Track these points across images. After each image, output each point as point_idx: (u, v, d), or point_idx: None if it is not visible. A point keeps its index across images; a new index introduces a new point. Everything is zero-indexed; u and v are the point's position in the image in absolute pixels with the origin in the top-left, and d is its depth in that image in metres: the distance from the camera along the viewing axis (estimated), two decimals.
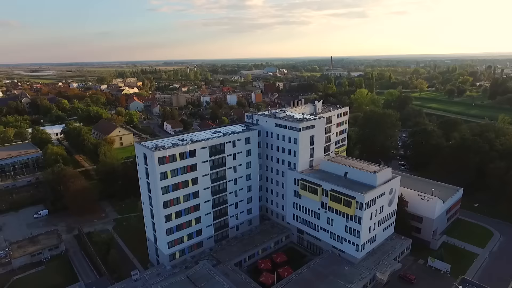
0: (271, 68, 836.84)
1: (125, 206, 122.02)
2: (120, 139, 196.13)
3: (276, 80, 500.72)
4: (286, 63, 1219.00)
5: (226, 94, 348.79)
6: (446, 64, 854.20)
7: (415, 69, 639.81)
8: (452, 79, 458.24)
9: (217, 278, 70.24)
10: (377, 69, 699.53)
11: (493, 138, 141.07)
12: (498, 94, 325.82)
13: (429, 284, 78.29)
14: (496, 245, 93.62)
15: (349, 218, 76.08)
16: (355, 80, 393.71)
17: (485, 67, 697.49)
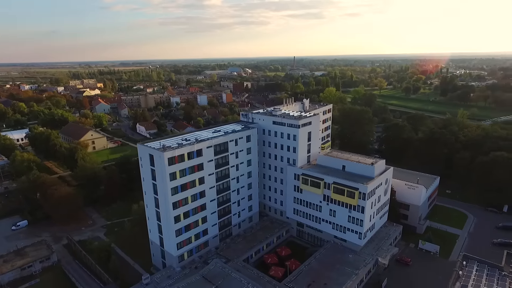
0: (235, 68, 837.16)
1: (112, 212, 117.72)
2: (93, 143, 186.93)
3: (243, 80, 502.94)
4: (248, 63, 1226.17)
5: (196, 95, 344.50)
6: (397, 63, 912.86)
7: (372, 69, 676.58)
8: (407, 78, 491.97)
9: (233, 274, 71.15)
10: (337, 68, 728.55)
11: (456, 131, 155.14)
12: (448, 91, 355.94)
13: (423, 265, 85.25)
14: (471, 226, 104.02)
15: (352, 208, 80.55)
16: (322, 79, 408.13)
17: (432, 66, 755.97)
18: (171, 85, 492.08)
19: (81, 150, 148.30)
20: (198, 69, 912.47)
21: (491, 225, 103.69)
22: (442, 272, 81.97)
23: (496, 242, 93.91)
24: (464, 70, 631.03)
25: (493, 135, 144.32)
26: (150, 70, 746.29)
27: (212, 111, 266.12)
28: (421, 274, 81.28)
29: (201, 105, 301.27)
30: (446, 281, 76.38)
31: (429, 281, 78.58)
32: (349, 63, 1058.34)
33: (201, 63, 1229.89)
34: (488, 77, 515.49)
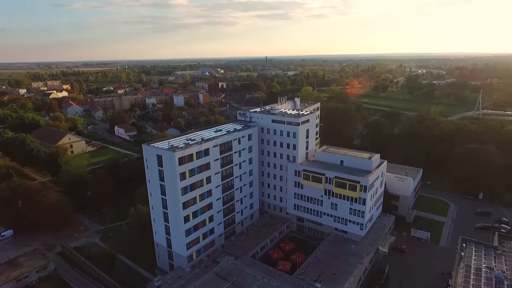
0: (206, 69, 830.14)
1: (105, 216, 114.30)
2: (71, 147, 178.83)
3: (217, 80, 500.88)
4: (218, 63, 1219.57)
5: (172, 95, 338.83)
6: (363, 63, 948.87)
7: (342, 68, 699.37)
8: (374, 77, 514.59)
9: (246, 270, 72.45)
10: (307, 68, 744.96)
11: (431, 126, 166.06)
12: (415, 89, 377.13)
13: (417, 251, 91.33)
14: (454, 213, 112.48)
15: (353, 200, 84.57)
16: (297, 79, 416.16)
17: (395, 66, 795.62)
18: (143, 86, 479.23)
19: (64, 154, 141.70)
20: (167, 69, 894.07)
21: (471, 212, 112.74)
22: (435, 256, 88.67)
23: (478, 226, 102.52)
24: (425, 69, 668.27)
25: (464, 129, 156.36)
26: (118, 71, 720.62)
27: (191, 111, 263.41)
28: (417, 260, 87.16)
29: (179, 106, 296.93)
30: (441, 264, 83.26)
31: (425, 265, 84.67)
32: (317, 63, 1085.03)
33: (170, 64, 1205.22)
34: (447, 76, 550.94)
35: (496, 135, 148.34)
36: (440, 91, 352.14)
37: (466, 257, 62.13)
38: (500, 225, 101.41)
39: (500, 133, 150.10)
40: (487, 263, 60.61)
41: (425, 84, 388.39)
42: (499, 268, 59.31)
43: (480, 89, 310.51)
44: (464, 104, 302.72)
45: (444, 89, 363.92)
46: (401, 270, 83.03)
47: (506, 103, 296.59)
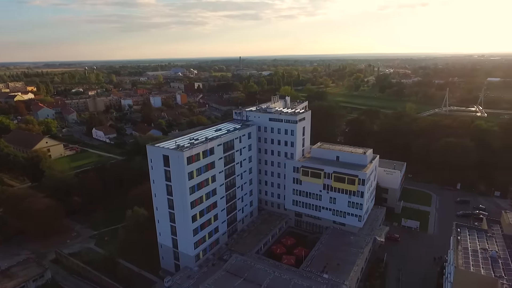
0: (178, 69, 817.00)
1: (97, 221, 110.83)
2: (48, 151, 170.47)
3: (192, 81, 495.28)
4: (189, 63, 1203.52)
5: (148, 96, 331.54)
6: (333, 63, 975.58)
7: (314, 68, 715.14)
8: (346, 76, 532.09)
9: (256, 266, 73.85)
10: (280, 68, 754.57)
11: (409, 122, 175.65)
12: (385, 88, 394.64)
13: (408, 239, 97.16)
14: (437, 203, 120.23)
15: (351, 194, 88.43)
16: (274, 79, 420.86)
17: (364, 66, 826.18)
18: (115, 87, 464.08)
19: (46, 158, 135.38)
20: (138, 70, 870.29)
21: (451, 201, 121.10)
22: (425, 243, 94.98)
23: (459, 214, 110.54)
24: (392, 69, 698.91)
25: (440, 124, 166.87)
26: (86, 72, 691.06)
27: (171, 112, 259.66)
28: (410, 247, 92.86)
29: (157, 107, 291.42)
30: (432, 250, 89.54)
31: (418, 252, 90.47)
32: (289, 63, 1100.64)
33: (140, 64, 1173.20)
34: (412, 75, 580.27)
35: (467, 129, 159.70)
36: (409, 90, 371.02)
37: (462, 241, 67.46)
38: (479, 212, 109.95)
39: (471, 128, 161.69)
40: (481, 245, 66.25)
41: (394, 83, 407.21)
42: (492, 248, 65.12)
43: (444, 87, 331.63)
44: (431, 101, 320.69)
45: (412, 88, 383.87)
46: (396, 258, 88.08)
47: (469, 100, 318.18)
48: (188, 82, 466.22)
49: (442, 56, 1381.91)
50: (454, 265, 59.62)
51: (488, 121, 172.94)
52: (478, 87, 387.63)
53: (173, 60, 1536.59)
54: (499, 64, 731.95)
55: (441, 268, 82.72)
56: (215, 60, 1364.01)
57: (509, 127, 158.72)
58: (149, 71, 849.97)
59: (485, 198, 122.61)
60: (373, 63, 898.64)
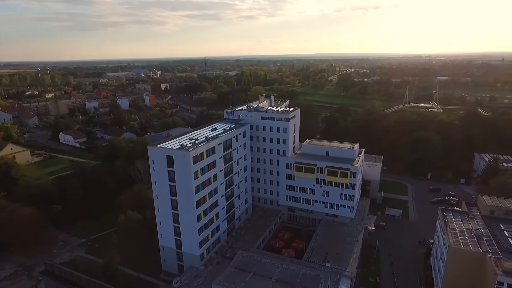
0: (140, 70, 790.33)
1: (82, 228, 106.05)
2: (14, 158, 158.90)
3: (157, 82, 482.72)
4: (150, 64, 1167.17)
5: (115, 99, 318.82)
6: (294, 63, 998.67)
7: (279, 68, 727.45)
8: (310, 76, 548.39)
9: (263, 260, 75.68)
10: (244, 68, 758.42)
11: (379, 118, 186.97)
12: (349, 86, 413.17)
13: (393, 226, 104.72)
14: (413, 192, 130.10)
15: (344, 186, 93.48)
16: (243, 79, 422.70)
17: (325, 65, 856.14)
18: (74, 90, 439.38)
19: (17, 165, 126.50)
20: (96, 71, 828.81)
21: (424, 189, 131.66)
22: (409, 229, 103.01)
23: (434, 200, 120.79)
24: (352, 68, 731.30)
25: (407, 119, 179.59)
26: (39, 73, 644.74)
27: (143, 114, 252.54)
28: (396, 233, 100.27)
29: (125, 109, 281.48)
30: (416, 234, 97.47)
31: (403, 237, 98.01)
32: (253, 63, 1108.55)
33: (97, 65, 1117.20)
34: (371, 74, 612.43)
35: (432, 123, 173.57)
36: (371, 88, 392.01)
37: (450, 223, 74.66)
38: (450, 198, 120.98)
39: (434, 122, 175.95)
40: (465, 225, 73.79)
41: (357, 82, 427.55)
42: (474, 228, 72.84)
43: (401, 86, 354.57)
44: (392, 98, 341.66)
45: (373, 86, 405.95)
46: (385, 244, 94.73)
47: (424, 97, 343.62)
48: (154, 83, 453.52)
49: (394, 56, 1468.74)
50: (448, 244, 66.06)
51: (449, 116, 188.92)
52: (430, 85, 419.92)
53: (132, 60, 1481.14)
54: (445, 64, 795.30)
55: (427, 250, 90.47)
56: (177, 61, 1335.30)
57: (467, 121, 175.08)
58: (108, 72, 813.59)
59: (453, 185, 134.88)
60: (332, 63, 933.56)
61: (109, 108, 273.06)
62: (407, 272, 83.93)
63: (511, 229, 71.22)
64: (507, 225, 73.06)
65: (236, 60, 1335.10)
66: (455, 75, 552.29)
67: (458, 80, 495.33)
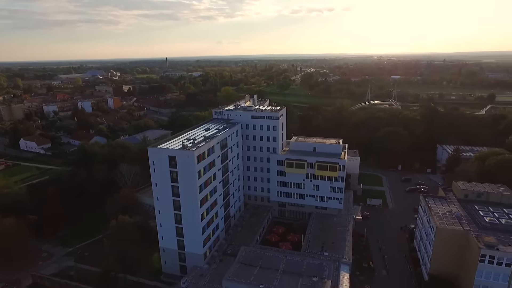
0: (96, 71, 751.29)
1: (66, 237, 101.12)
2: None
3: (118, 83, 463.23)
4: (105, 65, 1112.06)
5: (76, 102, 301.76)
6: (255, 63, 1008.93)
7: (242, 68, 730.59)
8: (274, 76, 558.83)
9: (266, 254, 78.30)
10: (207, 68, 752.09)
11: (349, 115, 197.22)
12: (313, 86, 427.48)
13: (375, 215, 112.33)
14: (387, 183, 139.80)
15: (333, 180, 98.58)
16: (211, 80, 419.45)
17: (286, 65, 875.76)
18: (25, 93, 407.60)
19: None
20: (46, 73, 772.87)
21: (397, 180, 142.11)
22: (390, 216, 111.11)
23: (407, 189, 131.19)
24: (313, 69, 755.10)
25: (375, 116, 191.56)
26: None
27: (110, 117, 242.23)
28: (379, 221, 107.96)
29: (89, 112, 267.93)
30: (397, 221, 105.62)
31: (386, 224, 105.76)
32: (214, 63, 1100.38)
33: (45, 66, 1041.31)
34: (331, 74, 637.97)
35: (397, 119, 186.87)
36: (334, 87, 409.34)
37: (433, 207, 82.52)
38: (421, 186, 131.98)
39: (399, 118, 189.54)
40: (446, 209, 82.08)
41: (320, 82, 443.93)
42: (454, 210, 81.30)
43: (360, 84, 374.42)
44: (354, 97, 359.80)
45: (335, 86, 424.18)
46: (371, 231, 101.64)
47: (383, 95, 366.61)
48: (115, 85, 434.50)
49: (349, 57, 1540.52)
50: (436, 226, 73.30)
51: (411, 112, 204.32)
52: (386, 84, 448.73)
53: (85, 61, 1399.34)
54: (395, 63, 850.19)
55: (409, 234, 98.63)
56: (134, 62, 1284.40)
57: (427, 116, 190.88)
58: (59, 73, 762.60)
59: (421, 175, 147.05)
60: (292, 63, 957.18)
61: (72, 111, 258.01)
62: (395, 255, 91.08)
63: (484, 209, 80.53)
64: (480, 206, 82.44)
65: (196, 61, 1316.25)
66: (406, 74, 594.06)
67: (410, 78, 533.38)
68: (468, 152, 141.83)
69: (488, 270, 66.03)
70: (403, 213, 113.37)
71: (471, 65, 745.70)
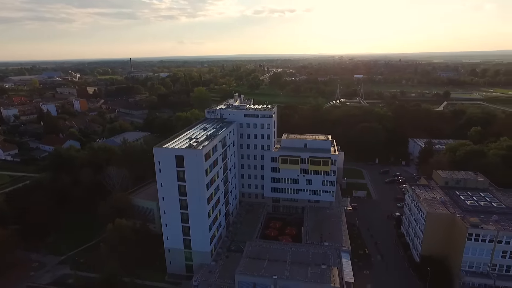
0: (54, 73, 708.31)
1: (58, 245, 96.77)
2: None
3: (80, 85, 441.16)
4: (60, 66, 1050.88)
5: (39, 105, 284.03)
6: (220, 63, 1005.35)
7: (210, 69, 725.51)
8: (243, 76, 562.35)
9: (272, 247, 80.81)
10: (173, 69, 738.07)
11: (325, 113, 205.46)
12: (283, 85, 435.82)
13: (362, 206, 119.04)
14: (368, 176, 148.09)
15: (325, 174, 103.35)
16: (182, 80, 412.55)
17: (253, 65, 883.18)
18: None
19: None
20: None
21: (376, 173, 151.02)
22: (375, 206, 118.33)
23: (387, 181, 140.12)
24: (280, 69, 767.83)
25: (350, 113, 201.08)
26: None
27: (80, 120, 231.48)
28: (366, 211, 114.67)
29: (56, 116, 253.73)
30: (383, 210, 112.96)
31: (373, 214, 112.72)
32: (178, 64, 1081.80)
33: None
34: (298, 74, 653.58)
35: (371, 115, 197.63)
36: (303, 86, 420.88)
37: (420, 194, 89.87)
38: (399, 177, 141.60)
39: (373, 114, 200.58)
40: (431, 195, 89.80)
41: (290, 81, 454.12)
42: (438, 196, 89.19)
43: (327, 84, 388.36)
44: (323, 95, 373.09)
45: (304, 85, 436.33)
46: (361, 220, 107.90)
47: (350, 93, 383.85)
48: (78, 86, 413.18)
49: (312, 57, 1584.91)
50: (426, 211, 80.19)
51: (383, 108, 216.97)
52: (350, 83, 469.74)
53: (37, 62, 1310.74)
54: (357, 63, 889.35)
55: (396, 221, 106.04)
56: (93, 62, 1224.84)
57: (397, 113, 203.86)
58: (10, 75, 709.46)
59: (397, 167, 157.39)
60: (258, 63, 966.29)
61: (37, 115, 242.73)
62: (385, 241, 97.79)
63: (464, 194, 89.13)
64: (460, 191, 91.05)
65: (160, 61, 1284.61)
66: (368, 73, 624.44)
67: (372, 77, 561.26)
68: (437, 145, 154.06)
69: (474, 247, 73.63)
70: (386, 202, 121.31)
71: (424, 65, 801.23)
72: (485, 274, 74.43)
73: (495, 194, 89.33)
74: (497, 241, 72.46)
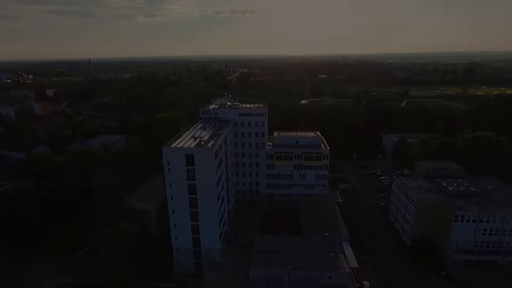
0: (1, 74, 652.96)
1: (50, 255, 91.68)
2: None
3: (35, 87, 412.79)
4: (7, 67, 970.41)
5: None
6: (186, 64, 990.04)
7: (175, 70, 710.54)
8: (210, 76, 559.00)
9: (279, 239, 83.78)
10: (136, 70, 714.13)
11: (303, 112, 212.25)
12: (252, 85, 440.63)
13: (350, 197, 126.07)
14: (349, 170, 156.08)
15: (318, 168, 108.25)
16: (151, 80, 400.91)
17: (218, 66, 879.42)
18: None
19: None
20: None
21: (356, 166, 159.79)
22: (362, 197, 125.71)
23: (367, 174, 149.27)
24: (246, 69, 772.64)
25: (325, 111, 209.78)
26: None
27: (46, 124, 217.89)
28: (355, 202, 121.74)
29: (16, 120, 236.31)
30: (370, 200, 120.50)
31: (361, 203, 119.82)
32: (140, 65, 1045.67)
33: None
34: (263, 74, 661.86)
35: (345, 113, 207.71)
36: (272, 86, 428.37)
37: (408, 183, 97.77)
38: (377, 170, 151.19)
39: (346, 112, 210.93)
40: (416, 184, 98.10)
41: (258, 81, 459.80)
42: (422, 184, 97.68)
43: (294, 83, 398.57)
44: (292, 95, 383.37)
45: (273, 85, 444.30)
46: (351, 211, 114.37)
47: (317, 92, 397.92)
48: (35, 89, 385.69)
49: (275, 58, 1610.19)
50: (416, 198, 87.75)
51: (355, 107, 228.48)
52: (316, 83, 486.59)
53: None
54: (318, 63, 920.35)
55: (383, 210, 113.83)
56: (45, 63, 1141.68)
57: (367, 110, 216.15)
58: None
59: (374, 161, 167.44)
60: (221, 64, 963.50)
61: None
62: (377, 229, 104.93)
63: (445, 181, 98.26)
64: (441, 179, 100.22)
65: (119, 62, 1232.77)
66: (331, 73, 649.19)
67: (335, 77, 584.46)
68: (409, 139, 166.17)
69: (460, 227, 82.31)
70: (370, 194, 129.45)
71: (381, 65, 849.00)
72: (469, 251, 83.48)
73: (470, 180, 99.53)
74: (479, 220, 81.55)
